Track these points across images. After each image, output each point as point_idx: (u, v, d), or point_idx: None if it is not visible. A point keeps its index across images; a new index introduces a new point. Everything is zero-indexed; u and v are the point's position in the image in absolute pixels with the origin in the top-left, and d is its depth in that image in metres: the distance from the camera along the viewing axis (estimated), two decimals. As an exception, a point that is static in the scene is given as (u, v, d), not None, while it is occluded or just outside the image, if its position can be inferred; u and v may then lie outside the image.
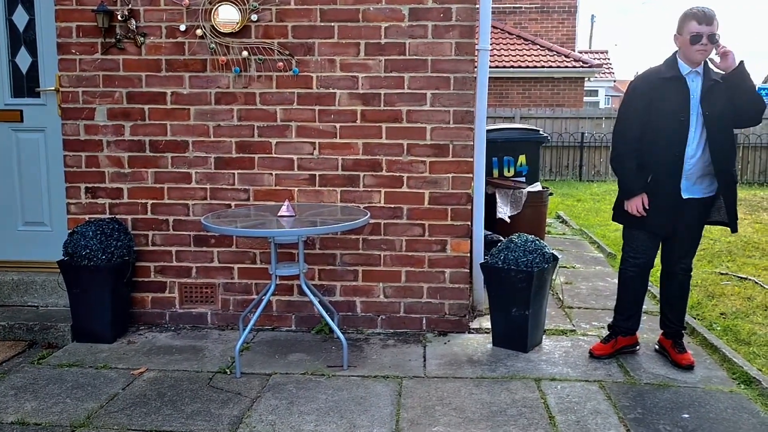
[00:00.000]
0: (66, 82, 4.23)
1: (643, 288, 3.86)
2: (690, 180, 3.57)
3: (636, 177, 3.61)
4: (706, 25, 3.41)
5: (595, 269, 6.11)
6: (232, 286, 4.33)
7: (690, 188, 3.59)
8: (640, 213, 3.62)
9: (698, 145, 3.54)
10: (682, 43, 3.51)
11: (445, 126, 4.11)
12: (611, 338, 3.88)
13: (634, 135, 3.60)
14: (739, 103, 3.47)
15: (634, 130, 3.60)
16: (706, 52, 3.45)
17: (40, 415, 3.12)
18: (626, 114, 3.65)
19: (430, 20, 4.03)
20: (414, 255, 4.23)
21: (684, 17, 3.49)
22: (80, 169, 4.30)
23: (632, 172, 3.62)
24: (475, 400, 3.29)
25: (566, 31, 18.54)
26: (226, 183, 4.25)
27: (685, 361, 3.70)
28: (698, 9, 3.45)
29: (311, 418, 3.10)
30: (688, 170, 3.55)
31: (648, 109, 3.55)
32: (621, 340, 3.87)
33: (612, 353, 3.84)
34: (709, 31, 3.41)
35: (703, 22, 3.41)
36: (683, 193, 3.59)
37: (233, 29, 4.08)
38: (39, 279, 4.42)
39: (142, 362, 3.77)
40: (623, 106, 3.68)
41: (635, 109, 3.60)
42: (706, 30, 3.41)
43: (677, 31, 3.53)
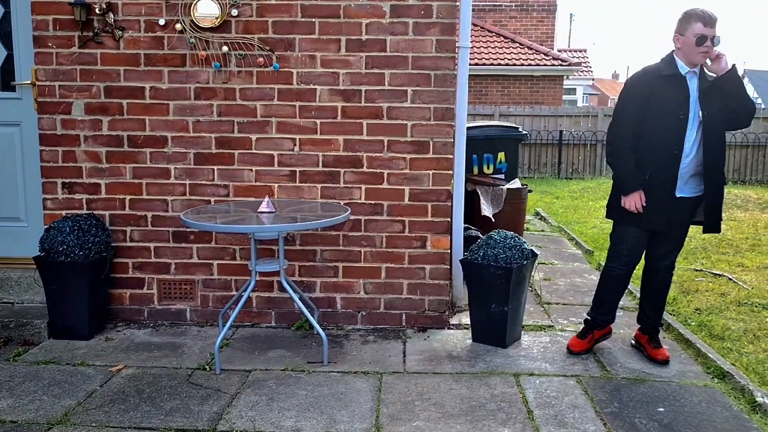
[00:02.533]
0: (42, 76, 4.17)
1: (626, 286, 3.90)
2: (683, 179, 3.59)
3: (635, 173, 3.60)
4: (710, 27, 3.42)
5: (573, 266, 6.18)
6: (211, 283, 4.31)
7: (682, 187, 3.60)
8: (638, 210, 3.61)
9: (693, 145, 3.55)
10: (684, 43, 3.49)
11: (425, 123, 4.12)
12: (588, 333, 3.92)
13: (633, 131, 3.59)
14: (732, 105, 3.49)
15: (632, 126, 3.59)
16: (708, 54, 3.46)
17: (16, 412, 3.09)
18: (625, 110, 3.63)
19: (411, 17, 4.04)
20: (394, 251, 4.24)
21: (688, 18, 3.47)
22: (57, 164, 4.24)
23: (631, 168, 3.60)
24: (455, 396, 3.31)
25: (545, 29, 18.68)
26: (206, 179, 4.23)
27: (661, 356, 3.75)
28: (702, 11, 3.45)
29: (291, 413, 3.10)
30: (682, 169, 3.57)
31: (647, 106, 3.54)
32: (596, 333, 3.93)
33: (589, 348, 3.89)
34: (713, 33, 3.43)
35: (708, 24, 3.42)
36: (677, 192, 3.60)
37: (213, 24, 4.05)
38: (14, 275, 4.36)
39: (120, 359, 3.74)
40: (621, 102, 3.66)
41: (634, 105, 3.58)
42: (711, 32, 3.42)
43: (678, 31, 3.52)
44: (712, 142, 3.55)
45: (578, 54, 23.00)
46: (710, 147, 3.54)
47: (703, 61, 3.49)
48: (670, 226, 3.68)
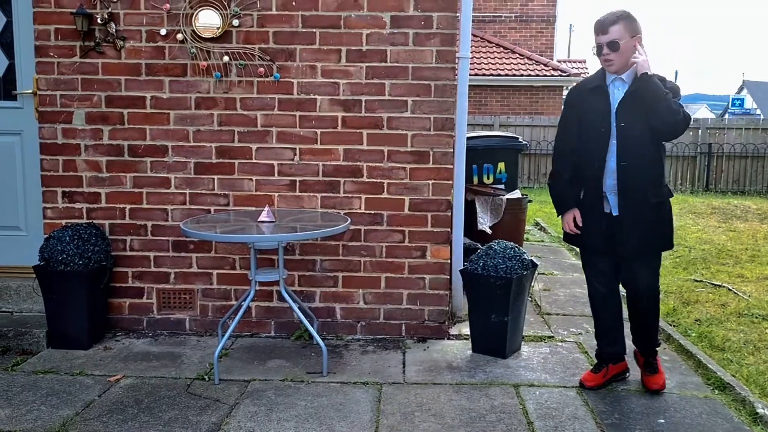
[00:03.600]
0: (44, 85, 4.18)
1: (615, 308, 3.60)
2: (612, 195, 3.38)
3: (566, 192, 3.50)
4: (602, 34, 3.26)
5: (572, 276, 6.17)
6: (211, 292, 4.31)
7: (615, 204, 3.38)
8: (572, 230, 3.48)
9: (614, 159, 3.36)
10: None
11: (425, 133, 4.13)
12: (602, 367, 3.59)
13: (569, 148, 3.48)
14: (649, 115, 3.24)
15: (567, 143, 3.49)
16: (610, 62, 3.28)
17: (13, 422, 3.07)
18: (561, 127, 3.57)
19: (411, 28, 4.05)
20: (394, 261, 4.24)
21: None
22: (57, 173, 4.25)
23: (561, 187, 3.51)
24: (455, 406, 3.30)
25: (545, 40, 18.74)
26: (206, 188, 4.23)
27: (652, 385, 3.49)
28: (597, 20, 3.30)
29: (290, 424, 3.08)
30: (611, 185, 3.37)
31: (578, 121, 3.43)
32: (611, 368, 3.58)
33: (603, 383, 3.55)
34: (606, 39, 3.25)
35: (599, 32, 3.27)
36: (613, 210, 3.39)
37: (214, 34, 4.07)
38: (13, 284, 4.35)
39: (118, 369, 3.72)
40: (560, 120, 3.60)
41: (567, 121, 3.51)
42: (604, 39, 3.25)
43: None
44: (627, 155, 3.29)
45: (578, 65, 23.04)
46: (626, 160, 3.29)
47: (612, 68, 3.31)
48: (608, 245, 3.41)
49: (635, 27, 3.27)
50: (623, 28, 3.24)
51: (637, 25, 3.29)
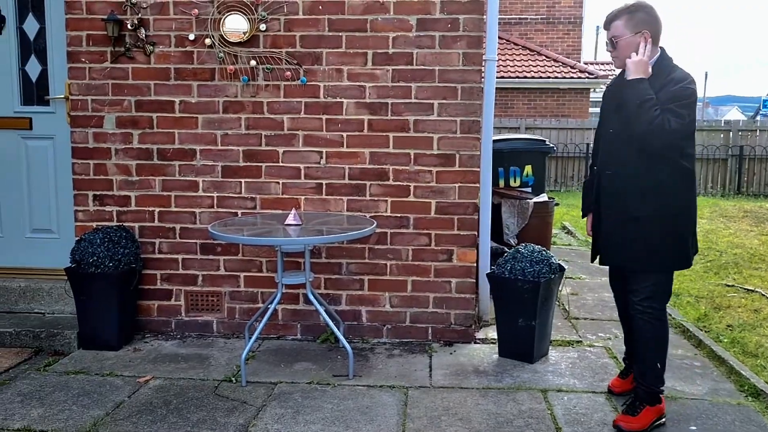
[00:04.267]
0: (75, 90, 4.26)
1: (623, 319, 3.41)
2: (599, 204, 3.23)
3: (586, 194, 3.40)
4: (606, 30, 3.11)
5: (601, 280, 6.09)
6: (238, 295, 4.34)
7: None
8: (589, 233, 3.40)
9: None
10: None
11: (452, 136, 4.11)
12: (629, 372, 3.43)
13: (593, 150, 3.41)
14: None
15: (595, 144, 3.42)
16: (616, 58, 3.12)
17: (46, 422, 3.12)
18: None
19: (437, 30, 4.04)
20: (420, 264, 4.23)
21: None
22: (88, 176, 4.32)
23: (585, 189, 3.43)
24: (482, 411, 3.28)
25: (572, 41, 18.59)
26: (233, 191, 4.27)
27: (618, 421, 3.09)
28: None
29: (317, 427, 3.09)
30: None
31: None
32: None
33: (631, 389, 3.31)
34: (607, 36, 3.10)
35: (605, 27, 3.13)
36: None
37: (242, 39, 4.10)
38: (46, 286, 4.43)
39: (147, 370, 3.77)
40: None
41: (599, 119, 3.38)
42: (607, 36, 3.11)
43: None
44: (613, 162, 3.11)
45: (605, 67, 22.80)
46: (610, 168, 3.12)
47: (619, 66, 3.14)
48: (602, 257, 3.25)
49: (640, 22, 3.00)
50: (624, 24, 3.03)
51: (645, 19, 3.01)
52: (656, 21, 3.04)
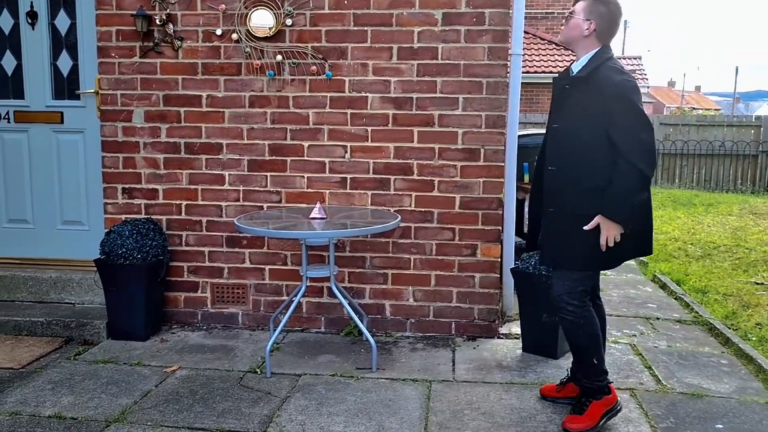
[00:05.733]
0: (105, 85, 4.33)
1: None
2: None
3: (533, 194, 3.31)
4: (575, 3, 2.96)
5: (626, 276, 6.04)
6: (263, 287, 4.38)
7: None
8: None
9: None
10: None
11: (476, 130, 4.11)
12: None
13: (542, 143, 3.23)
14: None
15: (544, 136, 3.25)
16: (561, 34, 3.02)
17: (76, 409, 3.20)
18: None
19: (463, 25, 4.03)
20: (444, 259, 4.23)
21: None
22: (117, 170, 4.39)
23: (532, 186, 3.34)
24: (505, 406, 3.28)
25: (599, 36, 18.34)
26: (259, 185, 4.31)
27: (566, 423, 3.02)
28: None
29: (340, 419, 3.12)
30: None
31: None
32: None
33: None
34: (570, 9, 2.97)
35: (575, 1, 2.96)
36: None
37: (268, 34, 4.13)
38: (76, 277, 4.52)
39: (174, 360, 3.83)
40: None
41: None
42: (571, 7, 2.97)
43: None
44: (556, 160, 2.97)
45: (632, 61, 22.54)
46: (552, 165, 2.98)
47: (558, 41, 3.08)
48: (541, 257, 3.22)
49: (595, 12, 2.87)
50: (584, 6, 2.90)
51: (601, 12, 2.87)
52: (610, 19, 2.89)
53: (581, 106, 2.86)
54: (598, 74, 2.84)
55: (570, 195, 2.91)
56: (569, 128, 2.91)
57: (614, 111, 2.75)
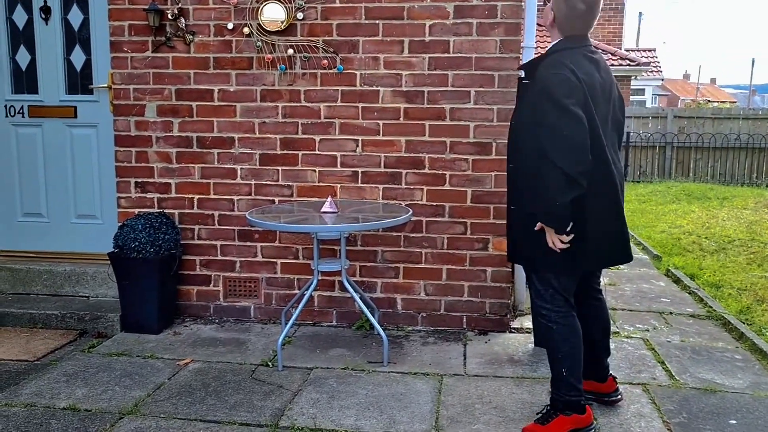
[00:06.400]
0: (118, 80, 4.35)
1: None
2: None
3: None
4: None
5: (639, 271, 6.01)
6: (274, 281, 4.40)
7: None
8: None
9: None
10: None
11: (488, 124, 4.09)
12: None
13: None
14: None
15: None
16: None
17: (90, 401, 3.23)
18: None
19: (475, 17, 4.01)
20: (455, 253, 4.22)
21: None
22: (130, 164, 4.42)
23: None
24: (516, 400, 3.27)
25: (613, 28, 18.21)
26: (271, 179, 4.32)
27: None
28: None
29: (351, 412, 3.12)
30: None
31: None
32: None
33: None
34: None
35: None
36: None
37: (279, 27, 4.13)
38: (90, 270, 4.56)
39: (187, 353, 3.85)
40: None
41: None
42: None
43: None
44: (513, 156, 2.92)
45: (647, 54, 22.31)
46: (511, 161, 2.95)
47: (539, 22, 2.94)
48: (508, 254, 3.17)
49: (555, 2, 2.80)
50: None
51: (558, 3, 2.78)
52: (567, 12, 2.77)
53: (529, 102, 2.77)
54: (537, 69, 2.75)
55: (525, 193, 2.84)
56: (523, 123, 2.82)
57: (538, 107, 2.66)
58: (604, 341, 3.13)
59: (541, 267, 2.86)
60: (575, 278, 2.91)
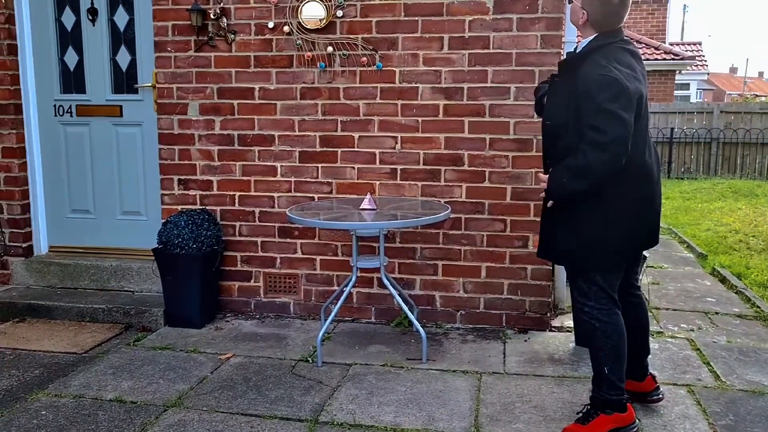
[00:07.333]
0: (162, 79, 4.44)
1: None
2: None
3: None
4: None
5: (684, 270, 5.88)
6: (314, 277, 4.43)
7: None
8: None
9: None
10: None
11: (528, 120, 4.05)
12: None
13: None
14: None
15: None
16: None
17: (135, 393, 3.31)
18: None
19: (515, 13, 3.97)
20: (495, 250, 4.19)
21: None
22: (174, 161, 4.50)
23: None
24: (556, 399, 3.24)
25: (656, 22, 17.84)
26: (310, 176, 4.35)
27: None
28: None
29: (390, 409, 3.13)
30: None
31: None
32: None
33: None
34: None
35: None
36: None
37: (319, 25, 4.16)
38: (135, 266, 4.66)
39: (228, 348, 3.91)
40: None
41: None
42: None
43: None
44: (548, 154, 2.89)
45: (692, 47, 21.77)
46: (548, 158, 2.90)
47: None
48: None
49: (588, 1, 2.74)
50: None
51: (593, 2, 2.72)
52: (603, 9, 2.73)
53: (564, 99, 2.73)
54: (580, 67, 2.69)
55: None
56: (560, 123, 2.77)
57: (583, 109, 2.62)
58: (644, 339, 3.09)
59: (587, 264, 2.82)
60: (620, 273, 2.88)
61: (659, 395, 3.12)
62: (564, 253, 2.90)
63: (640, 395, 3.11)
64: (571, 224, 2.79)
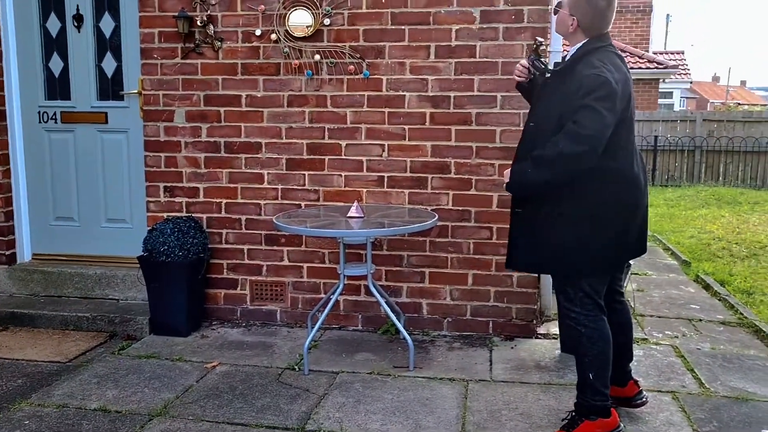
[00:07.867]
0: (148, 86, 4.42)
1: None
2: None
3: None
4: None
5: (668, 277, 5.93)
6: (301, 285, 4.42)
7: None
8: None
9: None
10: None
11: (515, 129, 4.07)
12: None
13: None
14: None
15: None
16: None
17: (120, 403, 3.28)
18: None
19: (501, 22, 4.00)
20: (481, 258, 4.21)
21: None
22: (159, 168, 4.48)
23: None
24: (542, 406, 3.25)
25: (640, 31, 18.04)
26: (297, 183, 4.35)
27: None
28: None
29: (377, 417, 3.13)
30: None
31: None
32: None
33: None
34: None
35: None
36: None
37: (306, 33, 4.17)
38: (120, 273, 4.63)
39: (214, 356, 3.89)
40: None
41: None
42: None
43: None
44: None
45: (675, 56, 22.02)
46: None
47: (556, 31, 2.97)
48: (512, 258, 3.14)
49: (577, 5, 2.78)
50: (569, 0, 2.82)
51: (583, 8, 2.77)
52: (593, 14, 2.78)
53: (553, 103, 2.76)
54: (574, 69, 2.74)
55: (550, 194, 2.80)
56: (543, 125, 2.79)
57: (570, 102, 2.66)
58: (627, 345, 3.11)
59: (573, 271, 2.84)
60: (606, 280, 2.91)
61: (643, 399, 3.15)
62: (551, 260, 2.89)
63: (623, 400, 3.14)
64: (557, 231, 2.80)
